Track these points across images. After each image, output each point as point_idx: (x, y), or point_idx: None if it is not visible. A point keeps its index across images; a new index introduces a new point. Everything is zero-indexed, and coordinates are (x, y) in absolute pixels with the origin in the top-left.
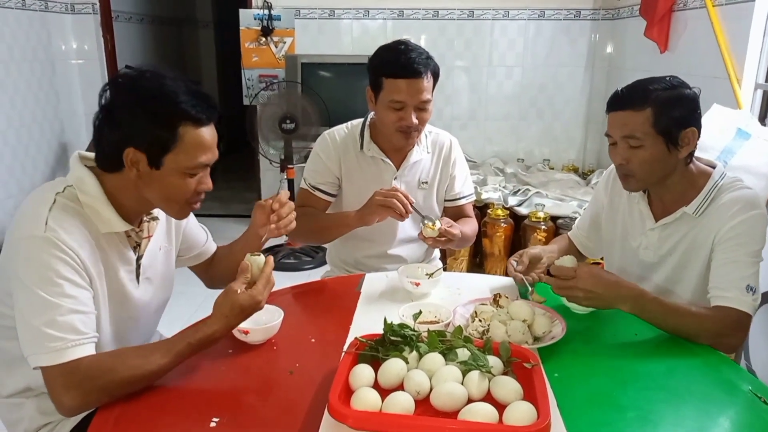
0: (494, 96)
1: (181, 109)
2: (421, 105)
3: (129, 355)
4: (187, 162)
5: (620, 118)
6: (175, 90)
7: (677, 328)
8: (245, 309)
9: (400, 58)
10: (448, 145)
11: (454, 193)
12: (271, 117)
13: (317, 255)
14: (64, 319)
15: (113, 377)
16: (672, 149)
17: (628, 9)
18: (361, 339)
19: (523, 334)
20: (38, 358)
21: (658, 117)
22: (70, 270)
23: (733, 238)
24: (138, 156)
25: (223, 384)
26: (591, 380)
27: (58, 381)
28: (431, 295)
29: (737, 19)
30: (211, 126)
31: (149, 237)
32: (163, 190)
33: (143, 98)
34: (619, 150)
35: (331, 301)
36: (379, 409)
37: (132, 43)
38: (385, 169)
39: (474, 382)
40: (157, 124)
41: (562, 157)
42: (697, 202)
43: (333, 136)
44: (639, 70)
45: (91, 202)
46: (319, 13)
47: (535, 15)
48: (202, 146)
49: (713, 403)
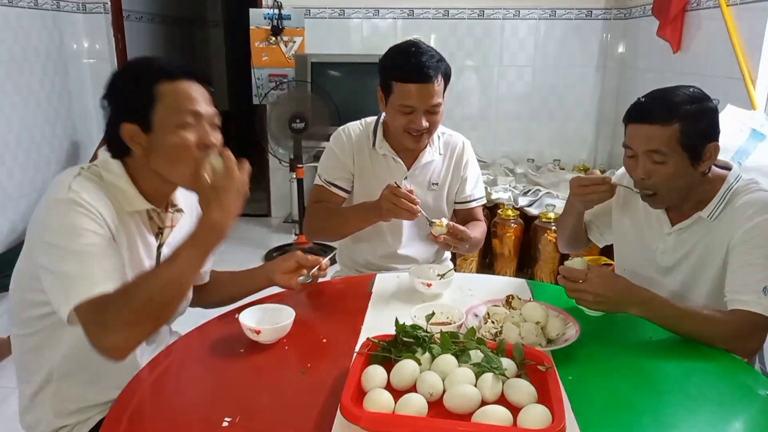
0: (505, 96)
1: (153, 68)
2: (432, 109)
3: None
4: (173, 114)
5: (645, 132)
6: (150, 59)
7: (691, 332)
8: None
9: (410, 62)
10: (461, 146)
11: (465, 195)
12: (280, 116)
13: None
14: (90, 262)
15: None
16: (695, 164)
17: (641, 8)
18: (374, 340)
19: (536, 336)
20: (70, 300)
21: (685, 133)
22: (93, 224)
23: (749, 240)
24: (132, 128)
25: (235, 384)
26: (605, 383)
27: (92, 318)
28: (443, 296)
29: (752, 19)
30: (193, 82)
31: (172, 227)
32: (167, 154)
33: (123, 75)
34: (641, 164)
35: (342, 301)
36: (392, 410)
37: (143, 42)
38: (396, 168)
39: (488, 384)
40: (135, 90)
41: (573, 157)
42: (712, 206)
43: (348, 132)
44: (651, 71)
45: (114, 180)
46: (329, 13)
47: (546, 14)
48: (184, 96)
49: (729, 407)
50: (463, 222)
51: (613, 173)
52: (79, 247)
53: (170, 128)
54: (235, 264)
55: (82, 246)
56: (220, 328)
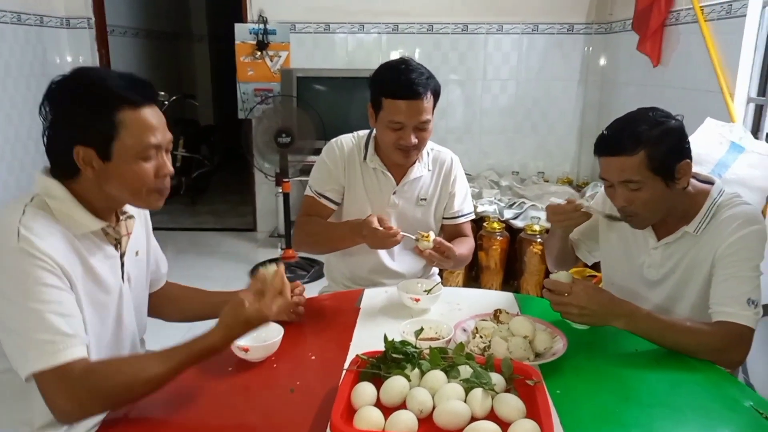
0: (489, 109)
1: (114, 94)
2: (421, 125)
3: (126, 363)
4: (135, 146)
5: (615, 164)
6: (104, 77)
7: (675, 344)
8: (250, 321)
9: (400, 79)
10: (449, 162)
11: (454, 211)
12: (266, 131)
13: (313, 269)
14: (50, 323)
15: (108, 385)
16: (670, 184)
17: (621, 23)
18: (363, 356)
19: (524, 351)
20: (29, 364)
21: (651, 158)
22: (49, 275)
23: (733, 253)
24: (87, 152)
25: (223, 403)
26: (593, 397)
27: (52, 386)
28: (431, 311)
29: (729, 34)
30: (153, 107)
31: (129, 234)
32: (123, 182)
33: (76, 94)
34: (619, 193)
35: (330, 317)
36: (382, 427)
37: (127, 57)
38: (385, 183)
39: (477, 399)
40: (94, 115)
41: (557, 170)
42: (697, 221)
43: (340, 144)
44: (632, 84)
45: (60, 206)
46: (315, 28)
47: (528, 29)
48: (146, 127)
49: (715, 419)
50: (450, 238)
51: (596, 185)
52: (38, 305)
53: (131, 159)
54: (221, 279)
55: (41, 304)
56: None
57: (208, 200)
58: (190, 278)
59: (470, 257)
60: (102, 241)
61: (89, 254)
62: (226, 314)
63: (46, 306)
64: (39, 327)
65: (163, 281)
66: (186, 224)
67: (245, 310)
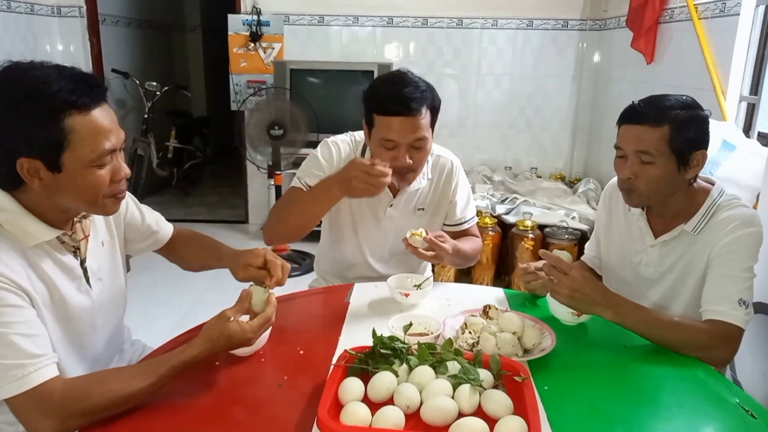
0: (483, 104)
1: (59, 99)
2: (415, 143)
3: (107, 379)
4: (88, 154)
5: (635, 132)
6: (46, 79)
7: (663, 339)
8: (232, 340)
9: (392, 93)
10: (450, 167)
11: (456, 218)
12: (259, 123)
13: (304, 262)
14: (16, 346)
15: (91, 402)
16: (681, 170)
17: (615, 20)
18: (351, 351)
19: (513, 347)
20: (1, 390)
21: (674, 135)
22: (7, 294)
23: (727, 253)
24: (34, 164)
25: (210, 397)
26: (581, 393)
27: (30, 409)
28: (421, 306)
29: (722, 32)
30: (103, 106)
31: (86, 237)
32: (77, 193)
33: (13, 99)
34: (629, 164)
35: (319, 311)
36: (369, 423)
37: (119, 46)
38: (382, 196)
39: (465, 396)
40: (38, 124)
41: (550, 165)
42: (696, 220)
43: (338, 147)
44: (626, 81)
45: (7, 217)
46: (309, 20)
47: (523, 24)
48: (99, 132)
49: (702, 416)
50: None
51: (589, 181)
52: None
53: (83, 168)
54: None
55: (3, 327)
56: None
57: (200, 192)
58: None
59: (476, 256)
60: (58, 250)
61: (46, 266)
62: (210, 327)
63: (9, 328)
64: (4, 351)
65: (165, 236)
66: (177, 216)
67: (229, 326)
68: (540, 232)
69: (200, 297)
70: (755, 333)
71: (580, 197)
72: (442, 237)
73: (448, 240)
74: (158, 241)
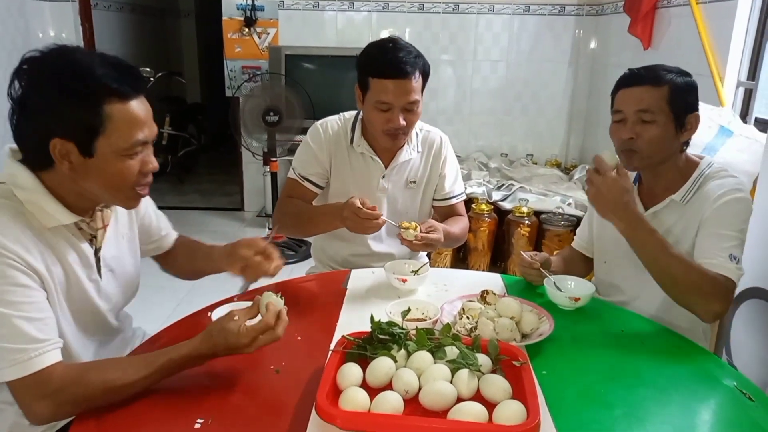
0: (479, 90)
1: (102, 84)
2: (409, 106)
3: (106, 368)
4: (121, 143)
5: (637, 93)
6: (91, 64)
7: (667, 272)
8: (230, 345)
9: (387, 58)
10: (439, 143)
11: (445, 192)
12: (254, 109)
13: (301, 249)
14: (19, 330)
15: (88, 390)
16: (678, 131)
17: (612, 5)
18: (349, 337)
19: (511, 332)
20: (2, 372)
21: (673, 96)
22: (16, 273)
23: (717, 217)
24: (66, 146)
25: (208, 384)
26: (579, 378)
27: (28, 392)
28: (418, 292)
29: (720, 17)
30: (141, 98)
31: (105, 227)
32: (104, 179)
33: (57, 79)
34: (630, 125)
35: (316, 297)
36: (367, 408)
37: (111, 32)
38: (374, 167)
39: (463, 380)
40: (78, 106)
41: (546, 152)
42: (684, 190)
43: (326, 127)
44: (622, 66)
45: (29, 197)
46: (303, 4)
47: (519, 10)
48: (135, 122)
49: (699, 399)
50: (443, 218)
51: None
52: (5, 309)
53: (115, 156)
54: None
55: (8, 307)
56: (192, 328)
57: (195, 179)
58: None
59: (464, 236)
60: (75, 235)
61: (61, 248)
62: (213, 326)
63: (14, 309)
64: (8, 334)
65: (169, 242)
66: (172, 203)
67: (232, 329)
68: (536, 219)
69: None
70: (751, 318)
71: (575, 184)
72: (432, 227)
73: (438, 228)
74: (161, 248)
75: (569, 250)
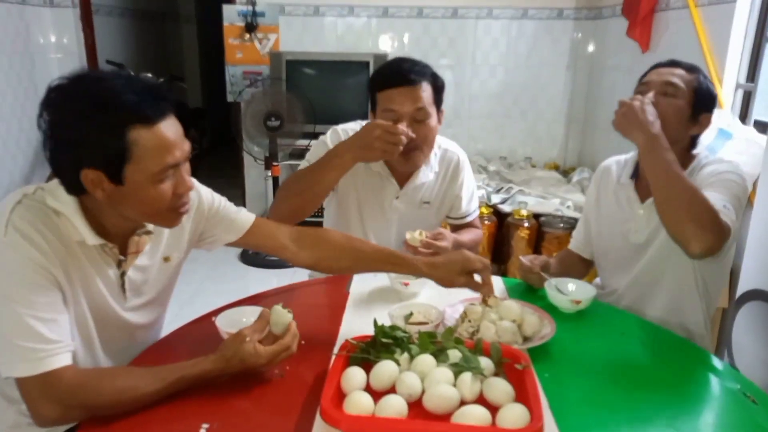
0: (478, 94)
1: (125, 110)
2: (417, 114)
3: (118, 377)
4: (151, 168)
5: (670, 70)
6: (114, 90)
7: (672, 193)
8: (245, 361)
9: (392, 69)
10: (456, 162)
11: (461, 212)
12: (255, 114)
13: None
14: (32, 330)
15: (97, 398)
16: (691, 121)
17: (610, 9)
18: (352, 341)
19: (513, 335)
20: (12, 367)
21: (700, 85)
22: (33, 275)
23: (710, 184)
24: (97, 175)
25: (213, 389)
26: (581, 380)
27: (36, 392)
28: (420, 295)
29: (719, 20)
30: (169, 119)
31: (138, 252)
32: (138, 205)
33: (81, 109)
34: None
35: (320, 301)
36: (371, 412)
37: (113, 37)
38: (388, 187)
39: (466, 384)
40: (103, 135)
41: (544, 155)
42: None
43: (347, 133)
44: (620, 70)
45: (61, 208)
46: (304, 10)
47: (518, 14)
48: (163, 146)
49: (703, 402)
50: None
51: (583, 170)
52: (18, 308)
53: (145, 182)
54: (209, 262)
55: (22, 306)
56: (197, 332)
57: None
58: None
59: (476, 245)
60: (100, 255)
61: (85, 261)
62: (226, 346)
63: (28, 309)
64: (20, 333)
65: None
66: None
67: (244, 347)
68: (535, 221)
69: (199, 287)
70: (752, 320)
71: (574, 186)
72: (441, 234)
73: (447, 236)
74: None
75: (566, 252)
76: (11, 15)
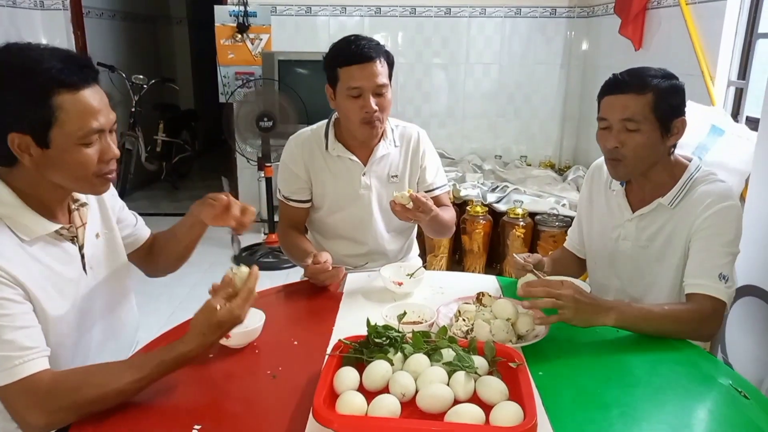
0: (472, 93)
1: (49, 77)
2: (378, 90)
3: (96, 373)
4: (75, 132)
5: (621, 101)
6: (38, 59)
7: (659, 330)
8: (223, 324)
9: (351, 47)
10: (416, 137)
11: (427, 184)
12: (248, 115)
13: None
14: (5, 339)
15: (79, 396)
16: (664, 136)
17: (603, 7)
18: (345, 341)
19: (507, 333)
20: None
21: (657, 102)
22: (1, 288)
23: (707, 228)
24: (24, 139)
25: (205, 390)
26: (575, 378)
27: (18, 400)
28: (414, 295)
29: (710, 17)
30: (93, 87)
31: (84, 225)
32: (65, 169)
33: (6, 76)
34: (614, 133)
35: (313, 302)
36: (364, 412)
37: (104, 39)
38: (353, 167)
39: (460, 383)
40: (28, 100)
41: (539, 153)
42: (673, 194)
43: (297, 140)
44: (614, 68)
45: (7, 212)
46: (296, 10)
47: (511, 13)
48: (87, 111)
49: (695, 398)
50: None
51: (578, 168)
52: None
53: (71, 146)
54: (203, 263)
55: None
56: None
57: (190, 185)
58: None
59: (452, 224)
60: (57, 239)
61: (45, 255)
62: (197, 321)
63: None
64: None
65: (145, 234)
66: (167, 209)
67: (217, 314)
68: (531, 220)
69: (191, 291)
70: (746, 315)
71: (569, 184)
72: (425, 196)
73: (430, 199)
74: (136, 241)
75: (562, 250)
76: (2, 17)
